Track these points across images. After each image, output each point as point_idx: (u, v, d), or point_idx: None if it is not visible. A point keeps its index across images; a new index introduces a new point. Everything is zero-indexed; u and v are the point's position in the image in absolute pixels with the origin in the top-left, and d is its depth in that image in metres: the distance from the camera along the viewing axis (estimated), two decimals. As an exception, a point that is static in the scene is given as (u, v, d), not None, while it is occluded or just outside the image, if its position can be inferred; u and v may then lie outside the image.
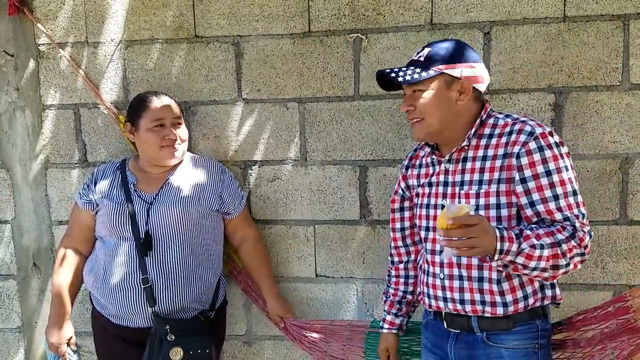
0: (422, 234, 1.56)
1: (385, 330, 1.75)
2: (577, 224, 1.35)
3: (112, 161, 2.07)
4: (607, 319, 1.59)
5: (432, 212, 1.52)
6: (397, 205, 1.70)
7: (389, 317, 1.75)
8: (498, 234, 1.27)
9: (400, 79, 1.43)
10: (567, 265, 1.33)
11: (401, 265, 1.73)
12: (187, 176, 1.92)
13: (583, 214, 1.37)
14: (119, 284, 1.82)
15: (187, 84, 2.09)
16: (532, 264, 1.29)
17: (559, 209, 1.35)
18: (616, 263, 1.92)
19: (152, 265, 1.81)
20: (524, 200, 1.38)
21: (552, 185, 1.35)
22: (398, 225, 1.71)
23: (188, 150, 2.11)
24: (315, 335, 1.94)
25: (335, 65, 1.99)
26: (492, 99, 1.91)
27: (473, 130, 1.44)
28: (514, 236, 1.29)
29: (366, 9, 1.94)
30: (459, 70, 1.43)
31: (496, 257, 1.28)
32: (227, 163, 2.11)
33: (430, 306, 1.55)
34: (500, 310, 1.42)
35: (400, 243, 1.72)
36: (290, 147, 2.07)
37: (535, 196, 1.36)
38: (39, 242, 2.27)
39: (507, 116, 1.47)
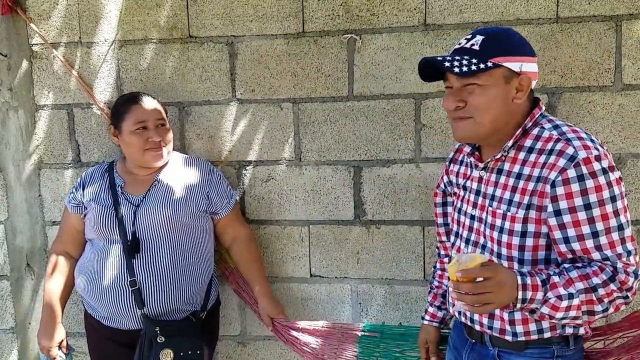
0: (452, 238, 1.47)
1: (426, 322, 1.67)
2: (619, 265, 1.18)
3: (100, 164, 2.06)
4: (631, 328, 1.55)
5: (462, 218, 1.43)
6: (439, 200, 1.61)
7: (431, 309, 1.66)
8: (520, 281, 1.15)
9: (456, 69, 1.22)
10: (606, 310, 1.19)
11: (446, 259, 1.64)
12: (175, 177, 1.92)
13: (629, 251, 1.20)
14: (107, 287, 1.82)
15: (181, 84, 2.09)
16: (560, 315, 1.17)
17: (598, 248, 1.19)
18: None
19: (140, 268, 1.81)
20: (557, 234, 1.22)
21: (590, 221, 1.18)
22: (441, 220, 1.63)
23: (182, 150, 2.11)
24: (306, 337, 1.94)
25: (330, 66, 1.99)
26: (486, 99, 1.91)
27: (511, 142, 1.28)
28: (539, 283, 1.16)
29: (360, 10, 1.95)
30: (518, 64, 1.25)
31: (518, 305, 1.16)
32: (221, 163, 2.11)
33: (450, 312, 1.53)
34: (509, 338, 1.33)
35: (444, 238, 1.64)
36: (284, 147, 2.07)
37: (571, 232, 1.20)
38: (32, 242, 2.26)
39: (555, 127, 1.28)
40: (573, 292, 1.16)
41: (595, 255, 1.19)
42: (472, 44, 1.26)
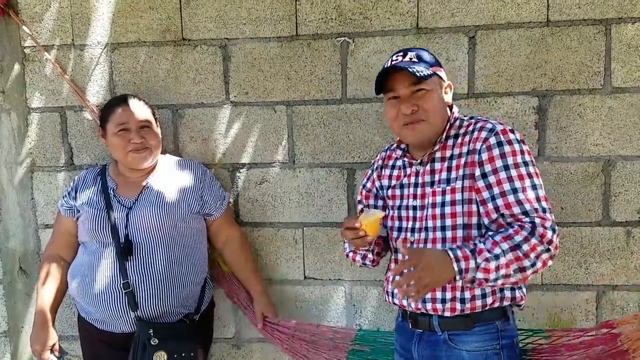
0: (394, 234, 1.56)
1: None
2: (537, 220, 1.32)
3: (93, 167, 2.06)
4: (593, 345, 1.58)
5: (403, 213, 1.54)
6: (371, 202, 1.68)
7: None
8: (452, 255, 1.29)
9: (417, 73, 1.39)
10: (534, 264, 1.31)
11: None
12: (167, 179, 1.92)
13: (544, 208, 1.35)
14: (100, 290, 1.82)
15: (174, 86, 2.09)
16: (492, 275, 1.29)
17: (518, 202, 1.35)
18: (599, 264, 1.95)
19: (133, 270, 1.81)
20: (485, 194, 1.39)
21: (510, 179, 1.36)
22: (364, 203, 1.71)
23: (176, 152, 2.11)
24: (297, 339, 1.94)
25: (323, 69, 2.00)
26: (477, 102, 1.93)
27: (444, 135, 1.48)
28: (469, 253, 1.30)
29: (353, 13, 1.96)
30: (444, 73, 1.51)
31: (457, 278, 1.29)
32: (215, 166, 2.11)
33: (394, 303, 1.57)
34: (458, 306, 1.43)
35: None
36: (278, 150, 2.08)
37: (495, 190, 1.37)
38: (25, 245, 2.25)
39: (472, 117, 1.51)
40: (498, 253, 1.29)
41: (516, 210, 1.35)
42: (411, 58, 1.45)
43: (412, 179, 1.53)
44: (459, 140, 1.47)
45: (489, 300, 1.44)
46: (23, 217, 2.23)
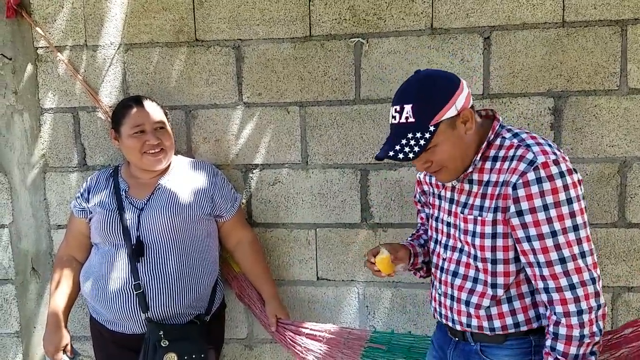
0: (432, 245, 1.55)
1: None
2: (583, 301, 1.27)
3: (105, 168, 2.06)
4: (619, 347, 1.56)
5: (440, 225, 1.51)
6: (419, 208, 1.71)
7: (409, 239, 1.71)
8: None
9: (410, 155, 1.30)
10: (598, 332, 1.30)
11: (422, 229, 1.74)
12: (179, 180, 1.92)
13: (592, 279, 1.27)
14: (112, 291, 1.82)
15: (187, 87, 2.09)
16: None
17: (557, 247, 1.26)
18: (615, 265, 1.94)
19: (145, 271, 1.81)
20: (520, 233, 1.31)
21: (549, 221, 1.26)
22: (420, 221, 1.74)
23: (189, 154, 2.11)
24: (309, 342, 1.92)
25: (336, 69, 2.00)
26: (492, 102, 1.93)
27: (479, 156, 1.37)
28: None
29: (367, 14, 1.95)
30: (454, 109, 1.31)
31: None
32: (228, 166, 2.11)
33: (433, 313, 1.56)
34: (487, 332, 1.41)
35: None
36: (291, 150, 2.07)
37: (532, 231, 1.28)
38: (37, 246, 2.26)
39: (515, 135, 1.37)
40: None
41: (553, 256, 1.27)
42: (407, 117, 1.31)
43: (449, 194, 1.47)
44: (498, 165, 1.34)
45: (523, 328, 1.40)
46: (35, 217, 2.24)
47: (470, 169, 1.38)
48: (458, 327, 1.46)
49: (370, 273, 2.04)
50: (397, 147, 1.31)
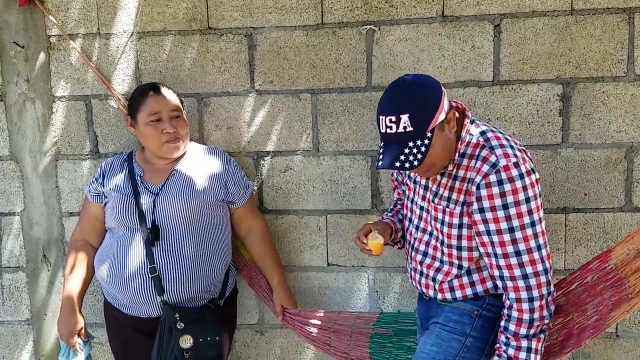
0: (406, 223, 1.69)
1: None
2: (535, 292, 1.41)
3: (120, 153, 2.08)
4: (587, 273, 1.64)
5: (413, 207, 1.63)
6: (396, 184, 1.86)
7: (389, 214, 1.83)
8: None
9: (415, 162, 1.37)
10: (543, 320, 1.46)
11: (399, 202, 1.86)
12: (193, 166, 1.94)
13: (545, 270, 1.41)
14: (128, 274, 1.84)
15: (200, 75, 2.10)
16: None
17: (514, 241, 1.39)
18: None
19: (160, 255, 1.83)
20: (481, 227, 1.42)
21: (508, 219, 1.38)
22: (396, 193, 1.88)
23: (201, 141, 2.13)
24: (318, 328, 1.95)
25: (348, 57, 2.02)
26: (502, 89, 1.96)
27: (457, 155, 1.46)
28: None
29: (378, 1, 1.98)
30: (443, 113, 1.40)
31: None
32: (240, 154, 2.13)
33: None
34: (449, 297, 1.57)
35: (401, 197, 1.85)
36: (302, 137, 2.10)
37: (492, 226, 1.40)
38: (48, 234, 2.27)
39: (482, 133, 1.45)
40: (522, 345, 1.44)
41: (510, 249, 1.39)
42: (405, 126, 1.36)
43: (423, 181, 1.58)
44: (465, 162, 1.45)
45: (481, 295, 1.55)
46: (47, 205, 2.25)
47: (450, 168, 1.48)
48: (428, 293, 1.62)
49: (380, 258, 2.10)
50: (402, 157, 1.37)
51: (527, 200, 1.37)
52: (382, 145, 1.43)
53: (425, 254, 1.59)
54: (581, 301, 1.61)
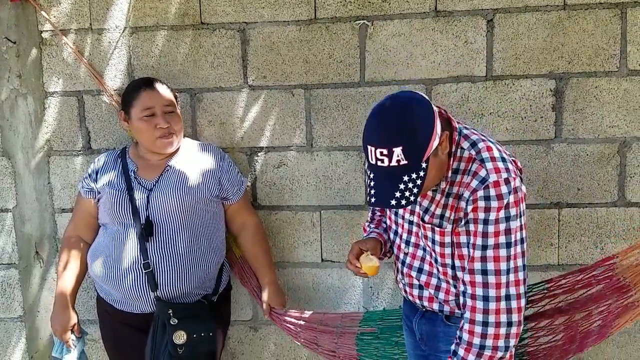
0: (392, 236, 1.60)
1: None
2: (492, 295, 1.31)
3: (112, 149, 2.07)
4: (591, 285, 1.62)
5: (400, 220, 1.54)
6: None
7: (372, 226, 1.71)
8: None
9: (412, 198, 1.27)
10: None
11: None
12: (187, 162, 1.94)
13: (508, 269, 1.30)
14: (121, 270, 1.83)
15: (192, 70, 2.10)
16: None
17: (483, 259, 1.32)
18: (614, 244, 1.98)
19: (154, 250, 1.83)
20: (462, 239, 1.37)
21: (484, 235, 1.31)
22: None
23: (194, 137, 2.12)
24: (305, 329, 1.95)
25: (341, 52, 2.02)
26: (495, 84, 1.96)
27: (450, 172, 1.37)
28: None
29: (372, -3, 1.98)
30: (437, 139, 1.28)
31: None
32: (233, 149, 2.12)
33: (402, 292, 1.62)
34: (457, 312, 1.47)
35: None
36: (296, 133, 2.09)
37: (470, 239, 1.34)
38: (41, 230, 2.26)
39: (473, 145, 1.37)
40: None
41: (477, 266, 1.32)
42: (398, 160, 1.24)
43: None
44: (458, 178, 1.37)
45: None
46: (39, 201, 2.24)
47: (443, 185, 1.39)
48: (428, 308, 1.52)
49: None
50: (398, 194, 1.26)
51: (507, 219, 1.29)
52: (372, 177, 1.29)
53: (420, 271, 1.50)
54: (586, 306, 1.61)
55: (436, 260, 1.45)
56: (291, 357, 2.23)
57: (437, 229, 1.40)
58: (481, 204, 1.30)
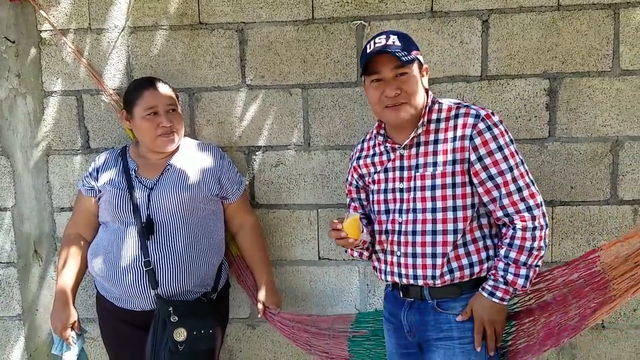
0: (382, 217, 1.64)
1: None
2: (536, 211, 1.50)
3: (113, 148, 2.09)
4: (573, 281, 1.66)
5: (390, 195, 1.62)
6: (354, 196, 1.78)
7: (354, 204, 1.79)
8: (497, 300, 1.52)
9: (403, 58, 1.47)
10: (545, 247, 1.53)
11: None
12: (187, 162, 1.96)
13: (539, 202, 1.52)
14: (122, 267, 1.85)
15: (191, 70, 2.12)
16: (529, 284, 1.53)
17: (514, 180, 1.50)
18: (607, 241, 1.98)
19: (154, 249, 1.85)
20: (483, 175, 1.50)
21: (505, 159, 1.49)
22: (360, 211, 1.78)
23: (192, 136, 2.14)
24: (297, 330, 1.96)
25: (338, 52, 2.04)
26: (490, 84, 1.99)
27: (425, 118, 1.55)
28: (508, 288, 1.52)
29: (368, -3, 2.00)
30: (422, 57, 1.57)
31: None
32: (231, 149, 2.14)
33: (387, 280, 1.67)
34: (447, 277, 1.55)
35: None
36: (293, 132, 2.11)
37: (493, 170, 1.50)
38: (40, 229, 2.27)
39: (448, 101, 1.59)
40: (524, 273, 1.51)
41: (512, 187, 1.50)
42: (393, 41, 1.50)
43: (397, 163, 1.60)
44: (442, 125, 1.54)
45: (476, 269, 1.56)
46: (38, 200, 2.25)
47: (419, 131, 1.55)
48: (420, 282, 1.57)
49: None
50: (391, 50, 1.48)
51: (512, 141, 1.52)
52: (369, 53, 1.51)
53: (415, 233, 1.57)
54: (566, 302, 1.64)
55: (434, 210, 1.54)
56: (288, 355, 2.25)
57: (436, 173, 1.53)
58: (487, 135, 1.49)
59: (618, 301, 1.55)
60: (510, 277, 1.50)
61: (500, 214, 1.52)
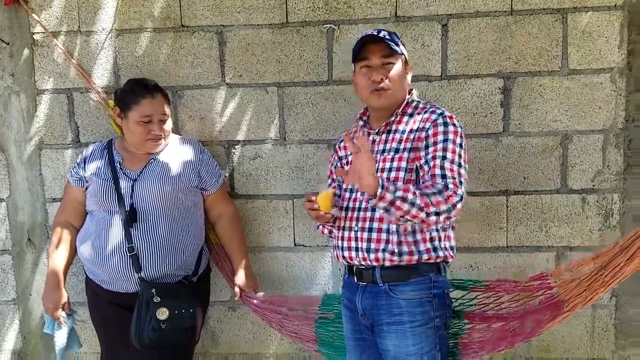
0: (346, 195, 1.77)
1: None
2: (451, 185, 1.56)
3: (100, 141, 2.22)
4: (528, 290, 1.79)
5: None
6: (334, 177, 1.92)
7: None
8: (380, 181, 1.52)
9: (393, 46, 1.64)
10: (437, 214, 1.53)
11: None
12: (169, 155, 2.09)
13: (461, 182, 1.58)
14: (108, 253, 1.98)
15: (174, 69, 2.26)
16: (405, 205, 1.51)
17: (442, 167, 1.59)
18: (558, 227, 2.18)
19: (137, 236, 1.98)
20: (423, 160, 1.63)
21: (444, 149, 1.60)
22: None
23: (175, 131, 2.28)
24: (270, 311, 2.09)
25: (311, 53, 2.20)
26: (450, 83, 2.15)
27: (401, 109, 1.71)
28: (390, 186, 1.53)
29: (338, 2, 2.16)
30: (406, 54, 1.74)
31: (379, 192, 1.49)
32: (212, 143, 2.29)
33: (343, 258, 1.75)
34: (395, 258, 1.63)
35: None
36: (270, 127, 2.26)
37: (431, 153, 1.61)
38: (33, 218, 2.41)
39: (427, 102, 1.75)
40: (408, 195, 1.52)
41: (437, 171, 1.58)
42: (384, 35, 1.67)
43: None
44: (412, 119, 1.70)
45: (424, 256, 1.65)
46: (31, 191, 2.39)
47: (392, 119, 1.70)
48: (372, 256, 1.65)
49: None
50: (381, 37, 1.64)
51: (461, 145, 1.63)
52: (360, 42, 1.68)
53: (373, 210, 1.65)
54: (523, 315, 1.77)
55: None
56: (266, 335, 2.40)
57: (395, 156, 1.66)
58: (440, 128, 1.62)
59: (569, 314, 1.69)
60: (400, 193, 1.50)
61: (437, 171, 1.59)
